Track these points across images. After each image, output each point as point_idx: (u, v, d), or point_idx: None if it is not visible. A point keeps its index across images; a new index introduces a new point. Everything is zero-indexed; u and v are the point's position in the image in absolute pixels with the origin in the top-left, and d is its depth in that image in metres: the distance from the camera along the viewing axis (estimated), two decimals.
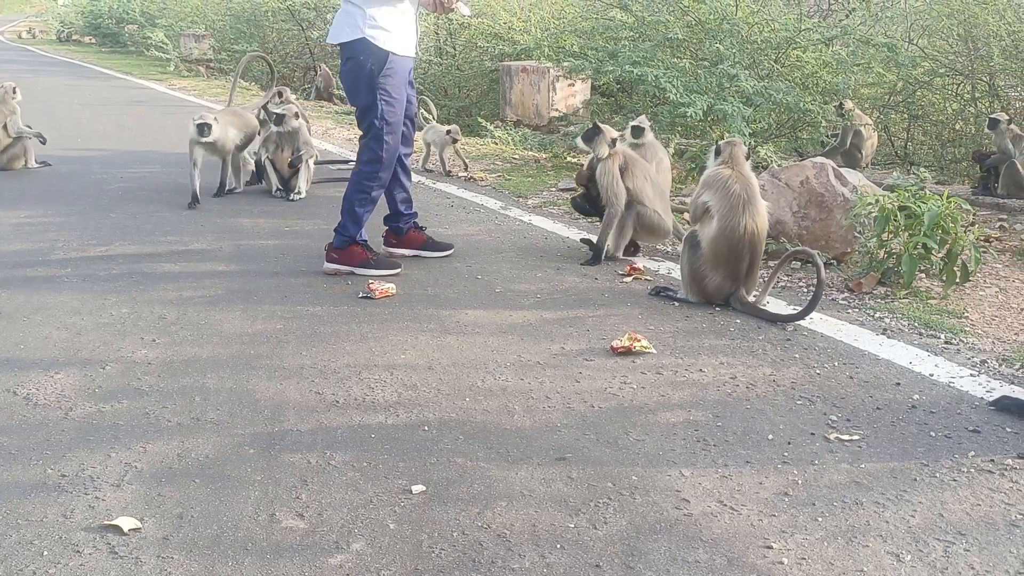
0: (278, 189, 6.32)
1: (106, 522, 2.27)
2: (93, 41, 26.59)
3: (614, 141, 4.66)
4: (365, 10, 4.17)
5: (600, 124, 4.80)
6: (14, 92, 7.09)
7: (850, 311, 3.93)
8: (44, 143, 7.34)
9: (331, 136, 9.27)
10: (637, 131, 5.45)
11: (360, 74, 4.24)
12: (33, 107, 8.58)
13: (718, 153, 4.00)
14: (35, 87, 12.79)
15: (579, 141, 4.84)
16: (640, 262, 4.66)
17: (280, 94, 7.07)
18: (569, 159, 7.87)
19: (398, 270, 4.50)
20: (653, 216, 4.68)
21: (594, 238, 4.82)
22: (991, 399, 3.01)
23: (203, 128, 5.95)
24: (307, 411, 2.95)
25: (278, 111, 6.33)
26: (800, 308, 3.83)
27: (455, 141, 7.16)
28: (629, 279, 4.46)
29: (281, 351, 3.48)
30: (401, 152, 4.56)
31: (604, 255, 4.71)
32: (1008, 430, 2.80)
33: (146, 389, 3.12)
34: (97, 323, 3.78)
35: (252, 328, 3.74)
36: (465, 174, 7.18)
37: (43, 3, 45.14)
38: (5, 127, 7.02)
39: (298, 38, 15.36)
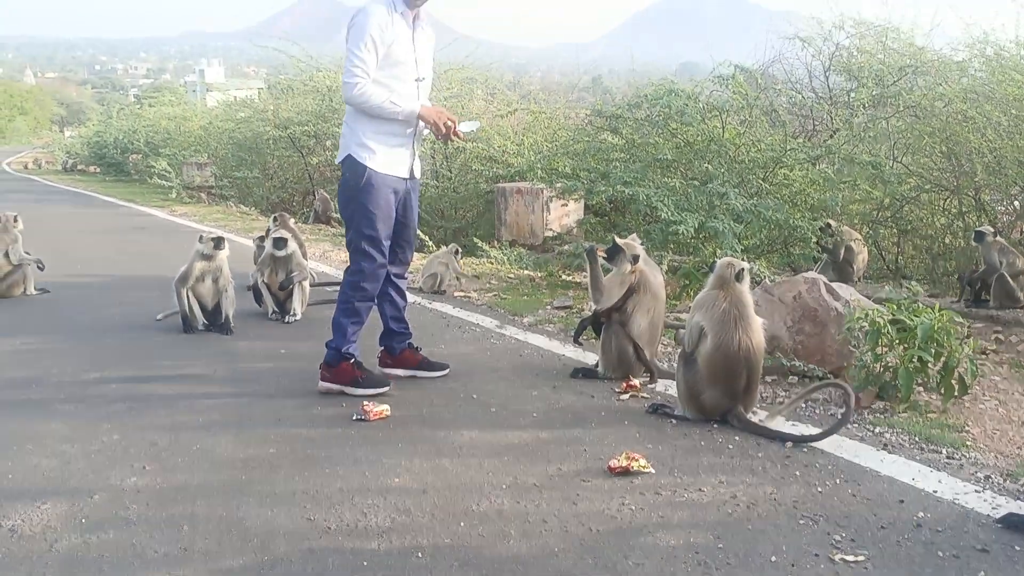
0: (274, 311, 6.35)
1: None
2: (98, 170, 27.23)
3: (636, 258, 4.66)
4: (355, 129, 4.38)
5: (619, 240, 4.78)
6: (16, 221, 7.22)
7: (849, 427, 3.88)
8: (43, 269, 7.42)
9: (329, 258, 9.39)
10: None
11: (346, 188, 4.45)
12: (36, 235, 8.71)
13: (711, 273, 4.05)
14: (39, 216, 13.02)
15: (602, 260, 4.86)
16: (637, 379, 4.64)
17: (276, 219, 7.21)
18: (564, 277, 7.95)
19: (386, 387, 4.50)
20: (625, 348, 4.64)
21: (590, 361, 4.83)
22: (998, 516, 2.94)
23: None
24: (298, 538, 2.88)
25: (276, 235, 6.45)
26: (812, 428, 3.79)
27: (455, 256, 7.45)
28: (626, 396, 4.43)
29: (273, 476, 3.42)
30: (392, 272, 4.63)
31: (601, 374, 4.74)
32: (1017, 548, 2.73)
33: (134, 519, 3.05)
34: (87, 451, 3.73)
35: (244, 453, 3.68)
36: (462, 293, 7.25)
37: (50, 135, 46.57)
38: (7, 255, 7.12)
39: (298, 164, 15.77)
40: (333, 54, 19.52)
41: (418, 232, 9.39)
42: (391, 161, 4.42)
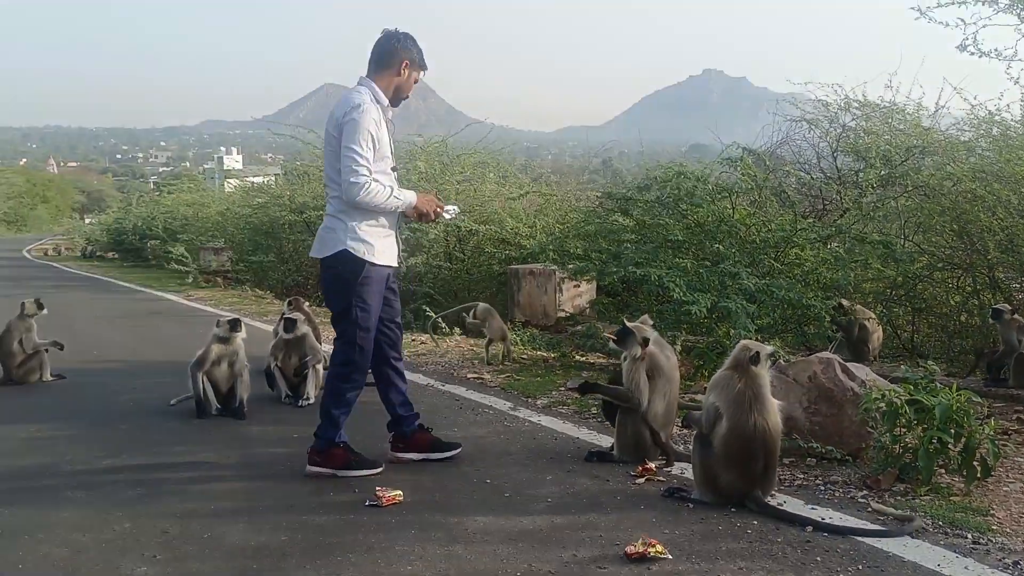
0: (287, 395, 6.35)
1: None
2: (116, 256, 27.61)
3: (646, 340, 4.64)
4: (347, 223, 4.39)
5: (629, 323, 4.77)
6: (39, 307, 7.31)
7: (870, 510, 3.81)
8: (62, 349, 7.47)
9: None
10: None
11: (338, 282, 4.44)
12: (54, 321, 8.79)
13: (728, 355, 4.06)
14: (57, 302, 13.15)
15: (611, 344, 4.86)
16: (652, 462, 4.58)
17: (290, 303, 7.27)
18: (577, 358, 7.93)
19: (380, 469, 4.51)
20: (642, 432, 4.60)
21: (605, 444, 4.79)
22: None
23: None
24: None
25: (287, 316, 6.50)
26: (832, 512, 3.72)
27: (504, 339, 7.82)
28: (642, 480, 4.37)
29: (284, 564, 3.38)
30: (391, 356, 4.70)
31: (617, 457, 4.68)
32: None
33: None
34: (99, 540, 3.69)
35: (256, 540, 3.64)
36: (475, 375, 7.24)
37: (70, 222, 47.40)
38: (21, 343, 7.18)
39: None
40: None
41: (432, 314, 9.50)
42: (386, 252, 4.51)
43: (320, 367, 6.46)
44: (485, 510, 3.97)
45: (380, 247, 4.46)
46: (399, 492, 4.14)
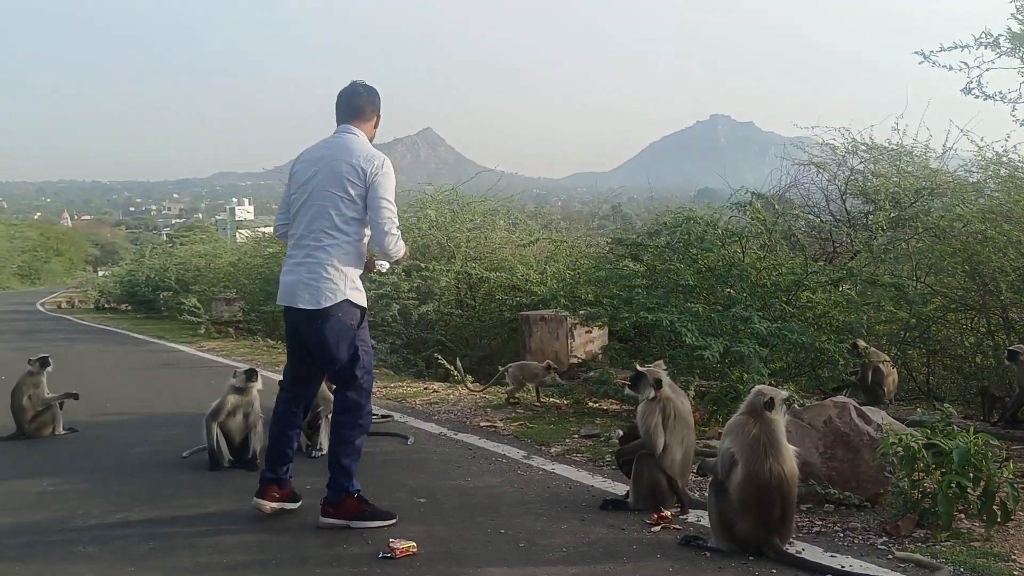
0: (307, 445, 6.30)
1: None
2: (129, 308, 27.74)
3: (658, 382, 4.62)
4: (346, 273, 4.44)
5: (642, 368, 4.77)
6: (43, 364, 7.32)
7: (891, 556, 3.75)
8: (77, 399, 7.48)
9: None
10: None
11: (342, 331, 4.44)
12: (66, 373, 8.82)
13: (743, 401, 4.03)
14: (70, 354, 13.24)
15: (627, 390, 4.85)
16: (668, 510, 4.53)
17: None
18: (591, 405, 7.90)
19: (394, 520, 4.49)
20: (658, 479, 4.57)
21: (620, 491, 4.76)
22: None
23: (252, 374, 6.13)
24: None
25: None
26: (851, 559, 3.66)
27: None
28: (657, 528, 4.32)
29: None
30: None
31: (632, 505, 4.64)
32: None
33: None
34: None
35: None
36: (488, 423, 7.21)
37: (83, 275, 47.78)
38: (30, 398, 7.20)
39: None
40: None
41: (443, 361, 9.49)
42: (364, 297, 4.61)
43: (330, 417, 6.44)
44: (500, 560, 3.93)
45: (364, 293, 4.59)
46: (412, 543, 4.10)
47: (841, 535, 4.10)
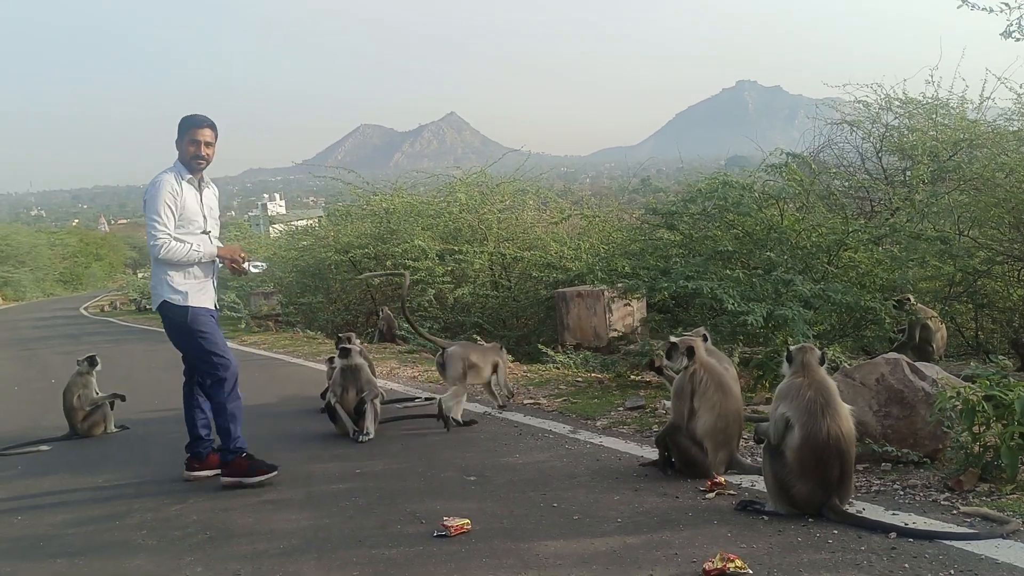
0: (354, 431, 6.33)
1: None
2: None
3: (690, 351, 4.58)
4: (162, 278, 5.22)
5: (674, 338, 4.76)
6: (91, 364, 7.44)
7: (955, 512, 3.67)
8: (124, 400, 7.59)
9: (396, 375, 9.43)
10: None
11: (174, 327, 5.34)
12: (114, 373, 8.95)
13: (789, 361, 3.94)
14: (116, 354, 13.44)
15: (666, 363, 4.81)
16: (721, 476, 4.48)
17: (342, 340, 7.30)
18: (632, 377, 7.84)
19: (274, 472, 5.21)
20: (691, 448, 4.53)
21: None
22: None
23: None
24: None
25: (342, 345, 6.58)
26: (914, 516, 3.58)
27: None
28: (712, 495, 4.27)
29: None
30: (197, 380, 5.49)
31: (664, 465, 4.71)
32: None
33: None
34: None
35: None
36: (531, 400, 7.18)
37: (123, 278, 48.47)
38: (79, 398, 7.31)
39: (359, 286, 16.09)
40: (388, 177, 20.18)
41: (481, 341, 9.46)
42: (201, 297, 5.29)
43: (378, 401, 6.47)
44: (555, 534, 3.91)
45: (195, 292, 5.26)
46: (467, 521, 4.09)
47: (901, 493, 4.03)
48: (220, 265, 5.45)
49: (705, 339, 5.37)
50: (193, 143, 5.22)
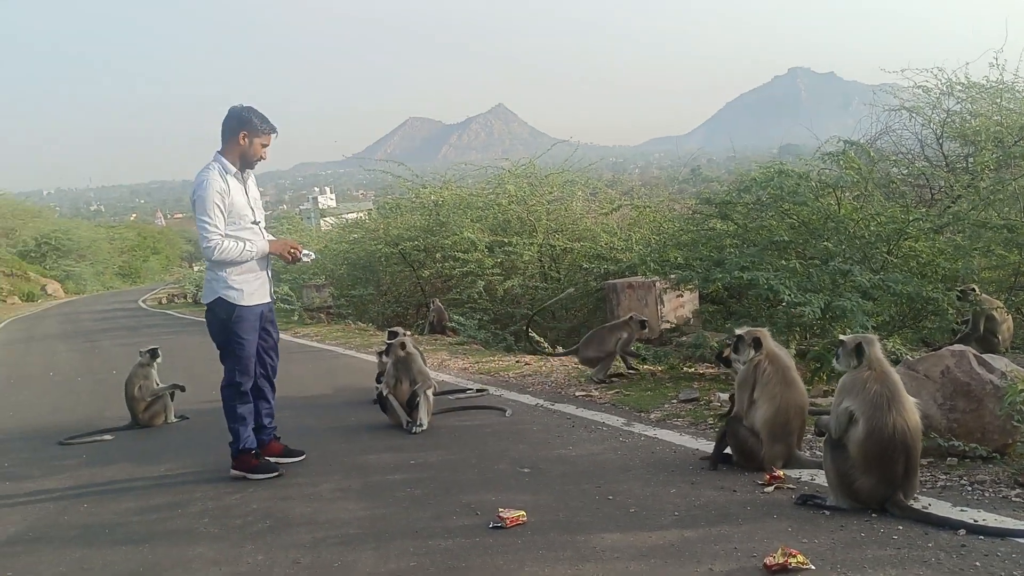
0: (408, 422, 6.37)
1: None
2: None
3: (757, 342, 4.52)
4: (219, 275, 5.30)
5: (739, 331, 4.68)
6: (152, 355, 7.61)
7: None
8: (184, 391, 7.75)
9: (447, 367, 9.46)
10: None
11: (217, 322, 5.38)
12: (174, 364, 9.10)
13: (850, 355, 3.82)
14: (175, 346, 13.69)
15: (733, 357, 4.74)
16: (780, 470, 4.41)
17: (393, 333, 7.35)
18: (685, 369, 7.77)
19: (276, 473, 5.33)
20: (747, 439, 4.48)
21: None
22: None
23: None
24: None
25: (391, 329, 6.68)
26: (983, 512, 3.48)
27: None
28: (770, 489, 4.20)
29: None
30: (259, 374, 5.58)
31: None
32: None
33: None
34: (234, 572, 3.77)
35: (385, 567, 3.65)
36: (583, 392, 7.16)
37: (180, 271, 49.40)
38: (140, 389, 7.47)
39: (410, 278, 16.18)
40: (436, 170, 20.25)
41: (535, 335, 9.46)
42: (256, 293, 5.40)
43: (430, 392, 6.49)
44: (611, 526, 3.89)
45: (250, 290, 5.36)
46: (522, 512, 4.09)
47: (969, 489, 3.92)
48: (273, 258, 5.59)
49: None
50: (263, 146, 5.38)
